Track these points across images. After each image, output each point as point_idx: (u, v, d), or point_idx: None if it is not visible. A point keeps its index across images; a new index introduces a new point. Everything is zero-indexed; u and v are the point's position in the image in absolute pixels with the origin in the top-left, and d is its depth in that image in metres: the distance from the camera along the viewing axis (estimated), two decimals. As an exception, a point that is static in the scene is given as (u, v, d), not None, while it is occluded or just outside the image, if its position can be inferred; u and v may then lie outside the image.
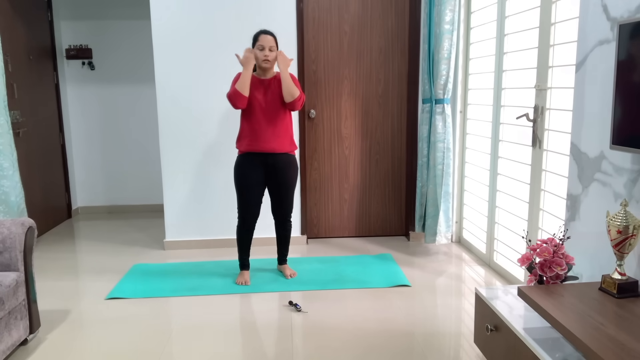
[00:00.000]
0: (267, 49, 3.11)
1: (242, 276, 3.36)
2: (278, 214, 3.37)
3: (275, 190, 3.30)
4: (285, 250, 3.50)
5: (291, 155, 3.29)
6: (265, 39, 3.12)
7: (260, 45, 3.12)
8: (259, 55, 3.12)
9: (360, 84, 4.14)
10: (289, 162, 3.26)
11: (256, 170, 3.22)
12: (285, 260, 3.52)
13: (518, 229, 3.08)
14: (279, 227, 3.42)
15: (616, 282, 1.87)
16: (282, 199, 3.31)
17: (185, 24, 3.85)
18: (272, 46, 3.13)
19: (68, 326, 2.78)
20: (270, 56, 3.13)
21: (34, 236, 2.58)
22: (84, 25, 5.09)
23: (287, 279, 3.41)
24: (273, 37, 3.16)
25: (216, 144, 3.98)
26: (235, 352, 2.49)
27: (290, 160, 3.27)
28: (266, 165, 3.22)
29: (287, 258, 3.53)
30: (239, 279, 3.34)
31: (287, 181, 3.27)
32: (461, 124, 3.97)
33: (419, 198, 4.00)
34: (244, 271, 3.39)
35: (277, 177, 3.25)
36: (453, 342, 2.56)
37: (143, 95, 5.22)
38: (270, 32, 3.17)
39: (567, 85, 2.59)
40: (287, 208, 3.36)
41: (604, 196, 2.18)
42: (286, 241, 3.47)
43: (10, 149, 3.48)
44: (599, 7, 2.17)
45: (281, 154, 3.22)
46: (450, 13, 3.58)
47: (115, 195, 5.38)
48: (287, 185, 3.28)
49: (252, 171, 3.21)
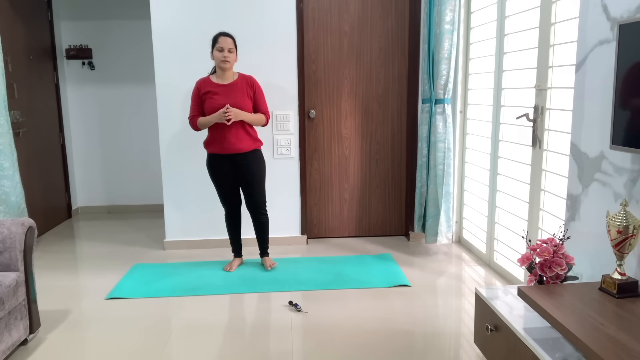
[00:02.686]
0: (226, 50, 3.27)
1: (231, 263, 3.58)
2: (251, 205, 3.51)
3: (244, 184, 3.46)
4: (264, 242, 3.61)
5: (257, 151, 3.44)
6: (225, 41, 3.28)
7: (219, 46, 3.27)
8: (218, 56, 3.27)
9: (360, 84, 4.14)
10: (254, 158, 3.42)
11: (226, 169, 3.40)
12: (266, 253, 3.63)
13: (518, 229, 3.08)
14: (254, 219, 3.55)
15: (616, 282, 1.87)
16: (252, 190, 3.46)
17: (185, 24, 3.85)
18: (231, 48, 3.29)
19: (68, 326, 2.78)
20: (229, 57, 3.28)
21: (34, 236, 2.58)
22: (84, 25, 5.09)
23: (267, 269, 3.52)
24: (232, 39, 3.31)
25: (216, 144, 3.98)
26: (235, 352, 2.49)
27: (256, 155, 3.43)
28: (234, 164, 3.40)
29: (287, 258, 3.54)
30: (227, 265, 3.57)
31: (255, 174, 3.43)
32: (461, 124, 3.97)
33: (418, 198, 3.99)
34: (236, 258, 3.61)
35: (245, 172, 3.41)
36: (453, 342, 2.56)
37: (143, 95, 5.22)
38: (229, 34, 3.33)
39: (567, 85, 2.59)
40: (259, 199, 3.49)
41: (604, 196, 2.18)
42: (263, 231, 3.58)
43: (10, 149, 3.48)
44: (599, 7, 2.17)
45: (247, 153, 3.38)
46: (450, 13, 3.58)
47: (115, 195, 5.38)
48: (255, 178, 3.43)
49: (222, 170, 3.40)
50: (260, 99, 3.42)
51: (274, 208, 4.06)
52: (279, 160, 4.06)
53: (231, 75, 3.36)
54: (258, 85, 3.42)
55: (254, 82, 3.41)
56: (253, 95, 3.39)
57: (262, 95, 3.44)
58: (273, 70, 3.93)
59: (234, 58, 3.32)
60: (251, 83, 3.39)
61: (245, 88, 3.36)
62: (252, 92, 3.39)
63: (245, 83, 3.37)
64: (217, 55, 3.28)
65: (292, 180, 4.09)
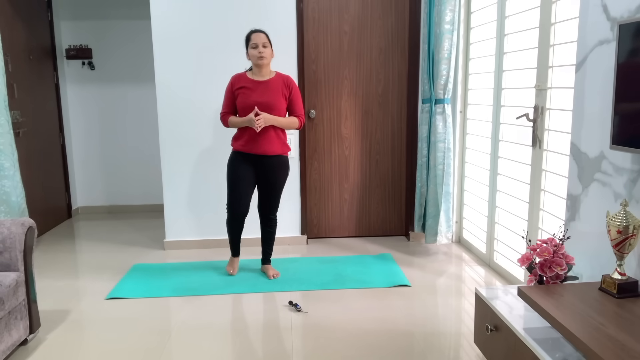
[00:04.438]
0: (260, 45, 3.16)
1: (232, 263, 3.48)
2: (264, 209, 3.40)
3: (264, 188, 3.34)
4: (270, 249, 3.49)
5: (283, 157, 3.32)
6: (258, 37, 3.17)
7: (253, 43, 3.17)
8: (254, 53, 3.17)
9: (360, 84, 4.14)
10: (280, 164, 3.30)
11: (248, 168, 3.28)
12: (269, 261, 3.51)
13: (518, 229, 3.08)
14: (264, 223, 3.44)
15: (616, 282, 1.87)
16: (270, 196, 3.35)
17: (185, 24, 3.85)
18: (265, 42, 3.17)
19: (68, 326, 2.78)
20: (264, 52, 3.17)
21: (34, 236, 2.58)
22: (84, 25, 5.09)
23: (269, 279, 3.39)
24: (265, 35, 3.20)
25: (216, 143, 3.98)
26: (235, 352, 2.49)
27: (282, 161, 3.31)
28: (258, 165, 3.28)
29: (287, 258, 3.53)
30: (228, 266, 3.48)
31: (277, 181, 3.32)
32: (461, 124, 3.97)
33: (418, 198, 3.99)
34: (234, 258, 3.49)
35: (268, 177, 3.30)
36: (453, 342, 2.56)
37: (143, 95, 5.22)
38: (261, 30, 3.22)
39: (567, 85, 2.59)
40: (273, 205, 3.39)
41: (604, 196, 2.18)
42: (270, 239, 3.47)
43: (11, 149, 3.48)
44: (599, 7, 2.17)
45: (273, 156, 3.27)
46: (450, 13, 3.58)
47: (115, 195, 5.38)
48: (276, 185, 3.33)
49: (244, 168, 3.27)
50: (296, 100, 3.28)
51: (274, 208, 4.06)
52: (279, 160, 4.05)
53: (268, 73, 3.25)
54: (295, 86, 3.29)
55: (291, 82, 3.28)
56: (289, 96, 3.26)
57: (299, 96, 3.30)
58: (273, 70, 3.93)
59: (270, 53, 3.21)
60: (288, 83, 3.26)
61: (281, 87, 3.23)
62: (288, 92, 3.25)
63: (281, 82, 3.24)
64: (252, 52, 3.17)
65: (292, 180, 4.08)
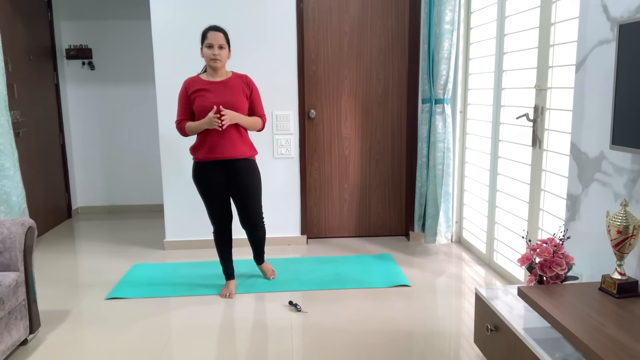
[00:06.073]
0: (216, 47, 2.90)
1: (227, 287, 3.18)
2: (245, 221, 3.16)
3: (238, 196, 3.09)
4: (261, 251, 3.34)
5: (251, 160, 3.09)
6: (215, 37, 2.91)
7: (209, 43, 2.91)
8: (207, 53, 2.92)
9: (360, 84, 4.14)
10: (249, 167, 3.07)
11: (216, 178, 3.03)
12: (262, 260, 3.39)
13: (518, 229, 3.08)
14: (250, 235, 3.25)
15: (616, 282, 1.87)
16: (247, 204, 3.10)
17: (185, 24, 3.85)
18: (222, 44, 2.92)
19: (68, 326, 2.78)
20: (219, 55, 2.92)
21: (34, 236, 2.58)
22: (84, 25, 5.09)
23: (268, 279, 3.36)
24: (223, 34, 2.94)
25: (216, 144, 3.98)
26: (235, 352, 2.49)
27: (250, 165, 3.08)
28: (226, 172, 3.04)
29: (287, 258, 3.52)
30: (224, 290, 3.16)
31: (251, 185, 3.07)
32: (461, 124, 3.97)
33: (418, 198, 4.00)
34: (229, 281, 3.22)
35: (239, 183, 3.05)
36: (453, 342, 2.56)
37: (143, 95, 5.22)
38: (220, 28, 2.96)
39: (567, 85, 2.59)
40: (255, 212, 3.14)
41: (604, 196, 2.18)
42: (260, 243, 3.29)
43: (11, 149, 3.48)
44: (599, 7, 2.17)
45: (240, 160, 3.03)
46: (450, 13, 3.58)
47: (115, 195, 5.38)
48: (250, 190, 3.07)
49: (212, 179, 3.02)
50: (257, 100, 3.08)
51: (274, 208, 4.06)
52: (279, 160, 4.06)
53: (224, 73, 3.02)
54: (255, 85, 3.08)
55: (250, 81, 3.07)
56: (250, 95, 3.05)
57: (259, 96, 3.10)
58: (273, 70, 3.93)
59: (226, 55, 2.96)
60: (248, 82, 3.05)
61: (241, 86, 3.02)
62: (249, 92, 3.04)
63: (241, 81, 3.03)
64: (206, 52, 2.92)
65: (292, 180, 4.09)
